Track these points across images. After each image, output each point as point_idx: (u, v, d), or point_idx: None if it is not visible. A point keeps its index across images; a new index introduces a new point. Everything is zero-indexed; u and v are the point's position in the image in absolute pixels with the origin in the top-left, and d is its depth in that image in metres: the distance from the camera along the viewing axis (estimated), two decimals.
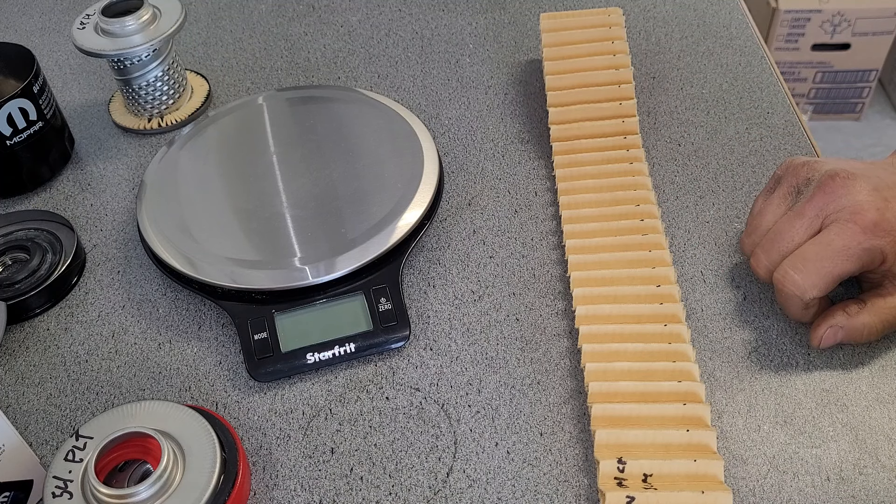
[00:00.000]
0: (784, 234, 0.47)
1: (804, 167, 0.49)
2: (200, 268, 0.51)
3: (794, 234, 0.47)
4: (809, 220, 0.47)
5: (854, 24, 1.75)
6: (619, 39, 0.62)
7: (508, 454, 0.45)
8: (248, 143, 0.60)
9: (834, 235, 0.45)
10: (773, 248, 0.48)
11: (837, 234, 0.45)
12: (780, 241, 0.48)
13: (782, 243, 0.47)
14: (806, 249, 0.46)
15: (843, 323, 0.46)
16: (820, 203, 0.46)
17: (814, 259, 0.46)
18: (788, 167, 0.50)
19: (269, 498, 0.45)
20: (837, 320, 0.47)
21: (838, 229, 0.45)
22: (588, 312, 0.50)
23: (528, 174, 0.61)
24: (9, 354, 0.52)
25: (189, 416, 0.43)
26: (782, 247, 0.47)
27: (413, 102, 0.67)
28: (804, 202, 0.47)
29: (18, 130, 0.58)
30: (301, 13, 0.78)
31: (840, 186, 0.46)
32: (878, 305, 0.47)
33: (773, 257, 0.48)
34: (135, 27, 0.61)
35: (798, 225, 0.47)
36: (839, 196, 0.46)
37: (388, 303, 0.50)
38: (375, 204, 0.54)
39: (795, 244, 0.47)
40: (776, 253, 0.48)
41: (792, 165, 0.50)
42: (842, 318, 0.47)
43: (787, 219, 0.48)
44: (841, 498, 0.43)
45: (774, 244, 0.48)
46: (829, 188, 0.46)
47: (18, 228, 0.58)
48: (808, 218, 0.47)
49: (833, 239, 0.45)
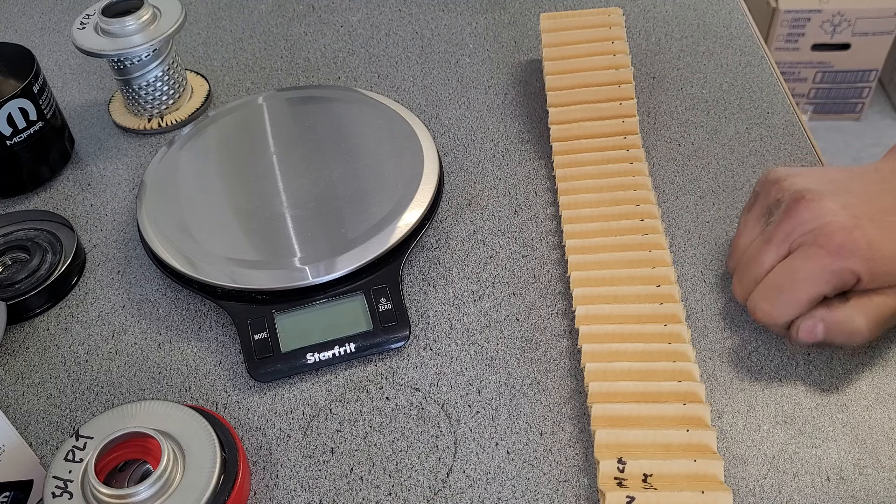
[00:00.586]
0: (754, 260, 0.47)
1: (775, 186, 0.48)
2: (200, 268, 0.51)
3: (764, 260, 0.47)
4: (777, 246, 0.46)
5: (854, 24, 1.75)
6: (619, 39, 0.62)
7: (508, 454, 0.45)
8: (248, 143, 0.60)
9: (800, 262, 0.45)
10: (746, 274, 0.48)
11: (803, 261, 0.45)
12: (751, 267, 0.47)
13: (753, 269, 0.47)
14: (773, 278, 0.46)
15: (824, 315, 0.45)
16: (787, 228, 0.46)
17: (780, 288, 0.45)
18: (763, 184, 0.50)
19: (269, 498, 0.45)
20: (818, 313, 0.45)
21: (804, 254, 0.45)
22: (588, 312, 0.50)
23: (528, 174, 0.61)
24: (9, 354, 0.52)
25: (189, 416, 0.43)
26: (753, 272, 0.47)
27: (413, 102, 0.67)
28: (772, 227, 0.47)
29: (18, 130, 0.58)
30: (301, 13, 0.78)
31: (804, 209, 0.45)
32: (861, 302, 0.45)
33: (746, 284, 0.48)
34: (135, 27, 0.61)
35: (766, 251, 0.47)
36: (805, 220, 0.45)
37: (388, 303, 0.50)
38: (375, 204, 0.54)
39: (765, 270, 0.47)
40: (749, 279, 0.48)
41: (766, 182, 0.49)
42: (822, 311, 0.45)
43: (757, 244, 0.48)
44: (841, 498, 0.43)
45: (747, 270, 0.48)
46: (795, 212, 0.45)
47: (18, 228, 0.58)
48: (776, 244, 0.46)
49: (798, 266, 0.45)
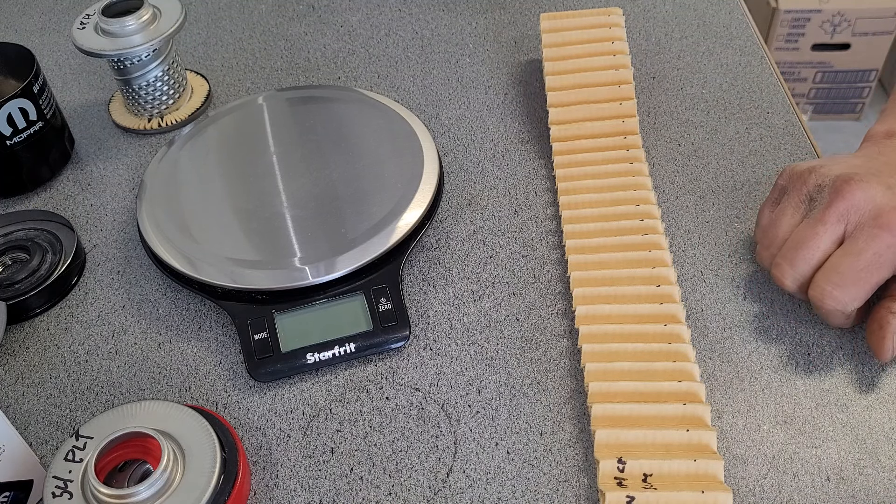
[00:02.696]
0: (807, 243, 0.46)
1: (811, 174, 0.48)
2: (200, 268, 0.51)
3: (819, 242, 0.46)
4: (832, 226, 0.46)
5: (854, 24, 1.75)
6: (619, 39, 0.62)
7: (508, 454, 0.45)
8: (248, 143, 0.60)
9: (863, 244, 0.45)
10: (797, 258, 0.47)
11: (867, 243, 0.44)
12: (804, 250, 0.47)
13: (807, 252, 0.46)
14: (838, 262, 0.45)
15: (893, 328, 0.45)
16: (841, 208, 0.46)
17: (848, 271, 0.45)
18: (792, 175, 0.49)
19: (269, 498, 0.45)
20: (894, 326, 0.45)
21: (866, 237, 0.45)
22: (588, 312, 0.50)
23: (528, 174, 0.61)
24: (9, 354, 0.52)
25: (189, 416, 0.43)
26: (808, 255, 0.46)
27: (413, 102, 0.67)
28: (823, 208, 0.46)
29: (18, 130, 0.58)
30: (301, 13, 0.78)
31: (857, 190, 0.45)
32: None
33: (800, 267, 0.47)
34: (135, 27, 0.61)
35: (821, 231, 0.46)
36: (858, 199, 0.45)
37: (388, 303, 0.50)
38: (375, 204, 0.54)
39: (822, 252, 0.46)
40: (802, 262, 0.47)
41: (795, 173, 0.49)
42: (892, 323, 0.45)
43: (808, 226, 0.47)
44: (841, 498, 0.43)
45: (799, 253, 0.47)
46: (847, 192, 0.45)
47: (18, 228, 0.58)
48: (831, 224, 0.46)
49: (863, 248, 0.44)
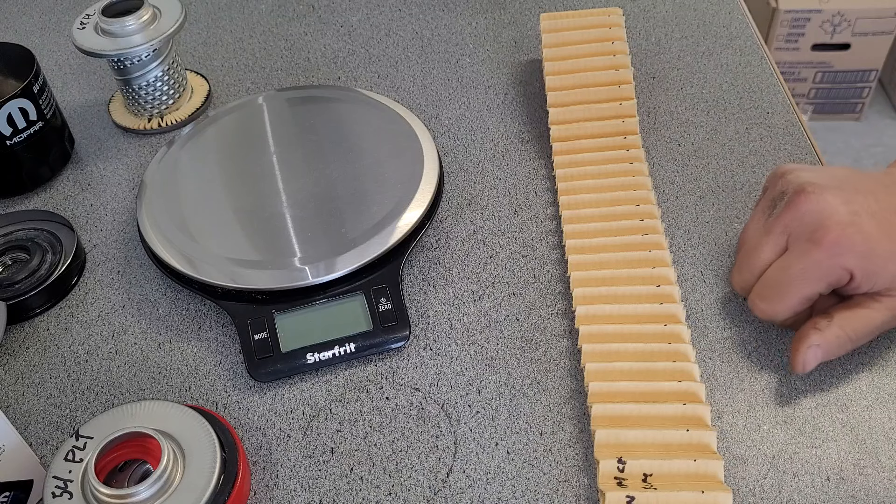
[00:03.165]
0: (753, 252, 0.47)
1: (781, 179, 0.48)
2: (200, 268, 0.51)
3: (762, 252, 0.47)
4: (776, 238, 0.46)
5: (854, 24, 1.75)
6: (619, 39, 0.62)
7: (508, 454, 0.45)
8: (248, 143, 0.60)
9: (793, 258, 0.45)
10: (745, 266, 0.48)
11: (796, 257, 0.45)
12: (751, 259, 0.47)
13: (751, 260, 0.47)
14: (770, 274, 0.46)
15: (819, 341, 0.45)
16: (786, 219, 0.46)
17: (776, 285, 0.45)
18: (771, 177, 0.50)
19: (269, 498, 0.45)
20: (812, 339, 0.45)
21: (798, 251, 0.45)
22: (588, 312, 0.50)
23: (528, 174, 0.61)
24: (9, 354, 0.52)
25: (189, 416, 0.43)
26: (752, 264, 0.47)
27: (413, 102, 0.67)
28: (773, 219, 0.47)
29: (18, 130, 0.58)
30: (301, 13, 0.78)
31: (805, 202, 0.45)
32: (845, 318, 0.45)
33: (745, 275, 0.48)
34: (135, 27, 0.61)
35: (765, 241, 0.47)
36: (804, 213, 0.45)
37: (388, 303, 0.50)
38: (375, 204, 0.54)
39: (763, 261, 0.47)
40: (747, 271, 0.48)
41: (773, 176, 0.49)
42: (816, 336, 0.45)
43: (757, 234, 0.48)
44: (841, 498, 0.43)
45: (746, 261, 0.48)
46: (795, 204, 0.45)
47: (18, 228, 0.58)
48: (775, 235, 0.46)
49: (792, 262, 0.45)
